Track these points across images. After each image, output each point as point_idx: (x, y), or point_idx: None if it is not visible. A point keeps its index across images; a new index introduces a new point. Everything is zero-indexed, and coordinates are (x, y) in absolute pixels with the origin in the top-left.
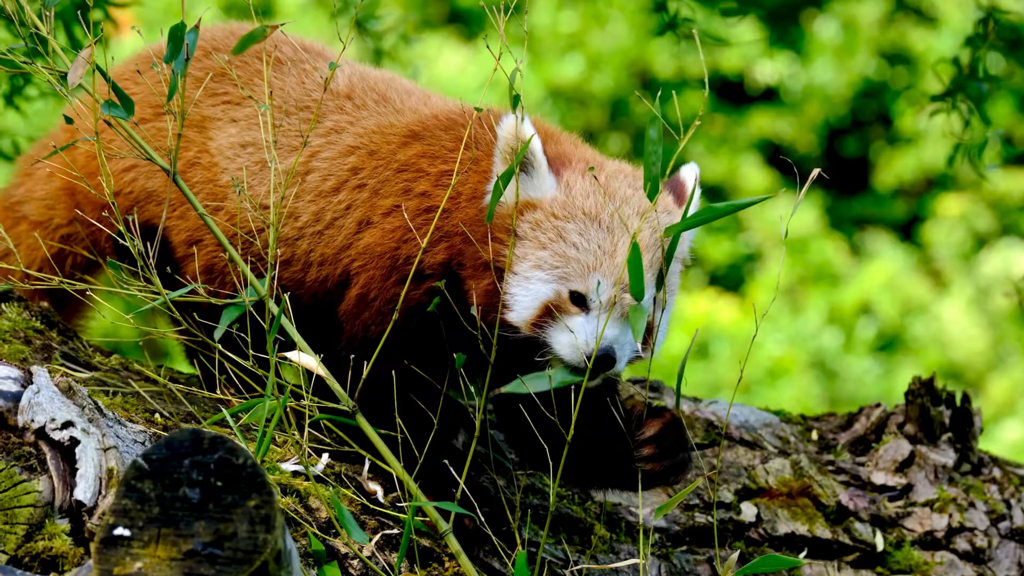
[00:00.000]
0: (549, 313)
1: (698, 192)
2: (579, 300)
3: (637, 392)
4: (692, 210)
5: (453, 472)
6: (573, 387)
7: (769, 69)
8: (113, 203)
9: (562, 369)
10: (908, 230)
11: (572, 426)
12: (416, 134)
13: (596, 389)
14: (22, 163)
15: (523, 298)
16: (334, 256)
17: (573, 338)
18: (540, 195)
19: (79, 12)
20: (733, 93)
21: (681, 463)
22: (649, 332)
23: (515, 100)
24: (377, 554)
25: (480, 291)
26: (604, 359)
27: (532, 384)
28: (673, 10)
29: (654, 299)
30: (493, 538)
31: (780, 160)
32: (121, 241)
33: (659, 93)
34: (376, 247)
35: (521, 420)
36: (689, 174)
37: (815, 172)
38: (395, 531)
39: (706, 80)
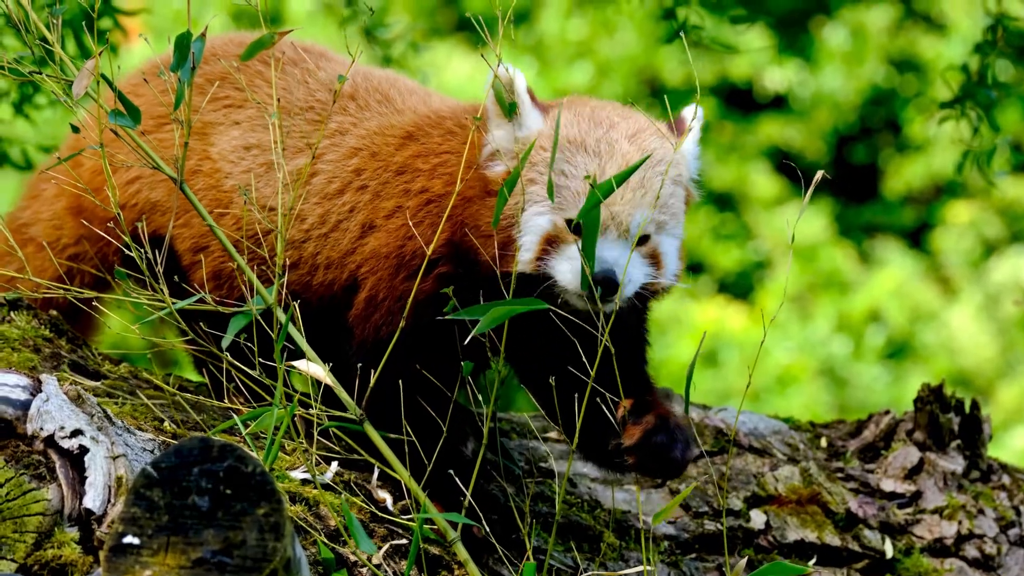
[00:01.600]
0: (550, 244)
1: (698, 125)
2: (576, 227)
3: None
4: (692, 140)
5: (466, 478)
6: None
7: (778, 76)
8: (119, 213)
9: (576, 303)
10: (917, 237)
11: (582, 417)
12: (411, 135)
13: (622, 358)
14: (28, 187)
15: (524, 236)
16: (340, 260)
17: (572, 263)
18: (528, 133)
19: (87, 20)
20: (742, 100)
21: (671, 463)
22: (656, 256)
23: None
24: (386, 563)
25: (486, 245)
26: (606, 282)
27: (491, 308)
28: (682, 17)
29: (657, 222)
30: (498, 548)
31: (789, 167)
32: (128, 252)
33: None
34: (382, 249)
35: (547, 393)
36: (690, 110)
37: (819, 175)
38: (404, 539)
39: (699, 87)
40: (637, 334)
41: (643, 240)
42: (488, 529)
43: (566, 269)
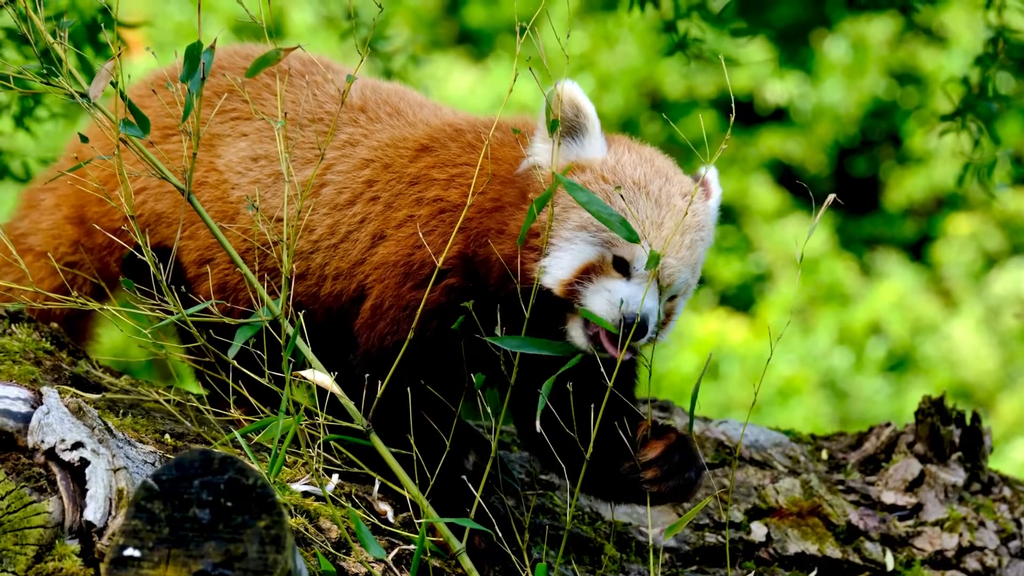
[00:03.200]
0: (587, 275)
1: (720, 191)
2: (621, 266)
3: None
4: (715, 202)
5: (467, 491)
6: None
7: (779, 89)
8: (133, 217)
9: (581, 342)
10: (918, 250)
11: (591, 444)
12: (426, 147)
13: (610, 392)
14: (24, 197)
15: (562, 258)
16: (349, 271)
17: (610, 295)
18: (590, 157)
19: (90, 33)
20: (743, 113)
21: (687, 483)
22: (668, 315)
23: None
24: None
25: (505, 258)
26: (638, 324)
27: (539, 347)
28: (683, 30)
29: (687, 284)
30: (512, 557)
31: (790, 180)
32: (140, 256)
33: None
34: (390, 257)
35: (535, 427)
36: (712, 174)
37: (830, 198)
38: (407, 552)
39: (732, 105)
40: (626, 371)
41: (671, 298)
42: (499, 535)
43: (601, 300)
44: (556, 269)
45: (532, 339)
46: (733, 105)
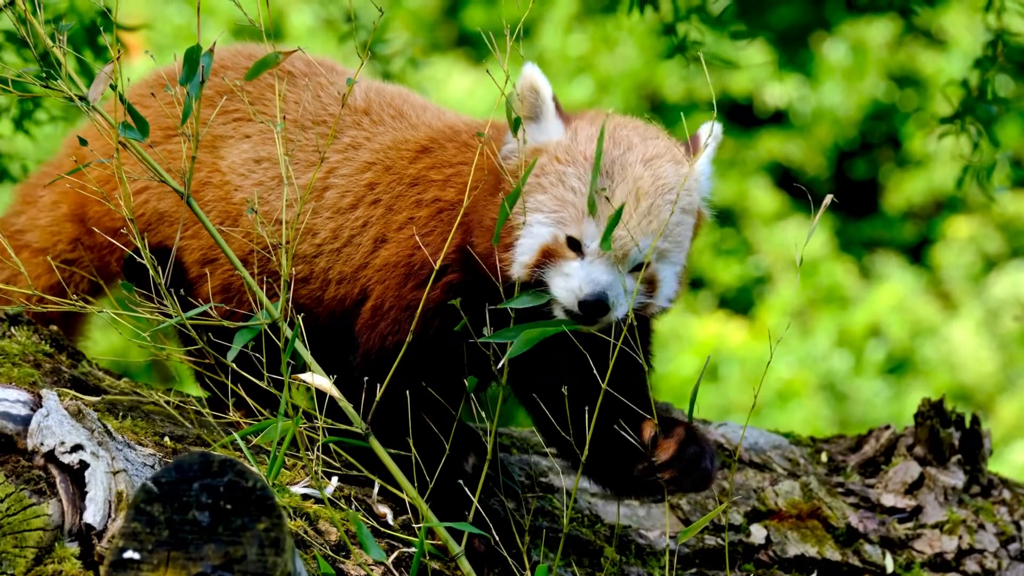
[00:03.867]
0: (547, 258)
1: (713, 145)
2: (575, 245)
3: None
4: (706, 160)
5: (467, 493)
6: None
7: (778, 92)
8: (132, 219)
9: (562, 316)
10: (917, 252)
11: (587, 445)
12: (426, 148)
13: (625, 382)
14: (20, 193)
15: (524, 243)
16: (352, 275)
17: (567, 280)
18: (546, 139)
19: (90, 36)
20: (742, 116)
21: (704, 475)
22: (652, 282)
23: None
24: None
25: (484, 252)
26: (597, 304)
27: (523, 330)
28: (682, 33)
29: (657, 250)
30: (511, 559)
31: (790, 183)
32: (139, 259)
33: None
34: (392, 259)
35: (546, 414)
36: (705, 128)
37: (828, 199)
38: (406, 554)
39: (714, 103)
40: (637, 361)
41: (640, 266)
42: (496, 539)
43: (561, 285)
44: (520, 255)
45: (526, 330)
46: (715, 104)
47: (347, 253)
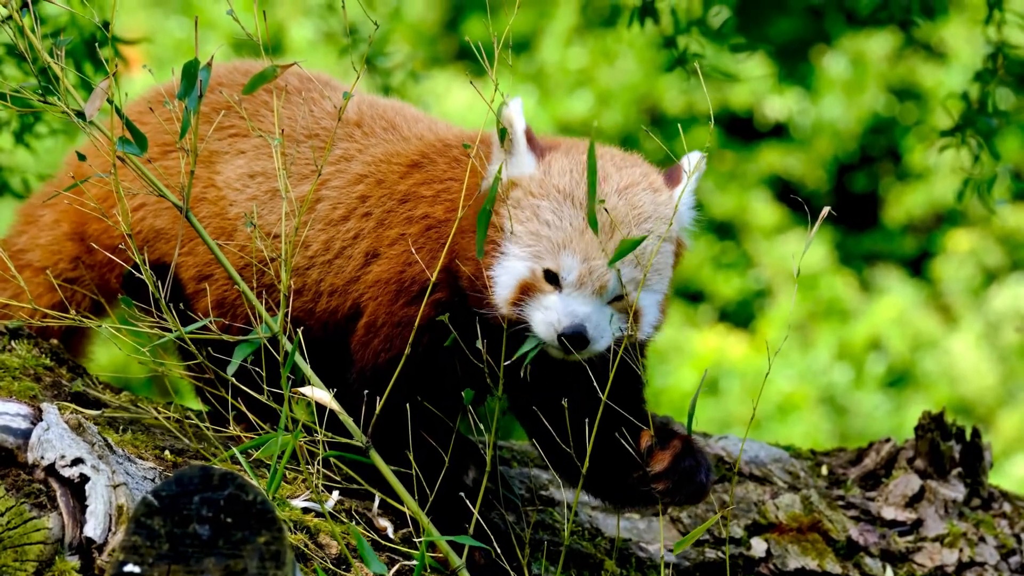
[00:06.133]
0: (526, 292)
1: (696, 176)
2: (552, 278)
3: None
4: (687, 194)
5: (467, 506)
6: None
7: (778, 105)
8: (130, 235)
9: (549, 346)
10: (918, 266)
11: (587, 458)
12: (417, 163)
13: (621, 394)
14: (22, 213)
15: (502, 277)
16: (343, 288)
17: (546, 313)
18: (520, 173)
19: (90, 49)
20: (742, 129)
21: (699, 488)
22: (633, 313)
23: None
24: None
25: (468, 277)
26: (576, 337)
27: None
28: (682, 46)
29: (636, 280)
30: (512, 573)
31: (790, 196)
32: (138, 275)
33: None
34: (383, 275)
35: (543, 427)
36: (689, 159)
37: (825, 211)
38: (407, 568)
39: (712, 116)
40: (633, 373)
41: (619, 297)
42: (489, 557)
43: (540, 319)
44: (500, 289)
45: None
46: (714, 118)
47: (338, 265)
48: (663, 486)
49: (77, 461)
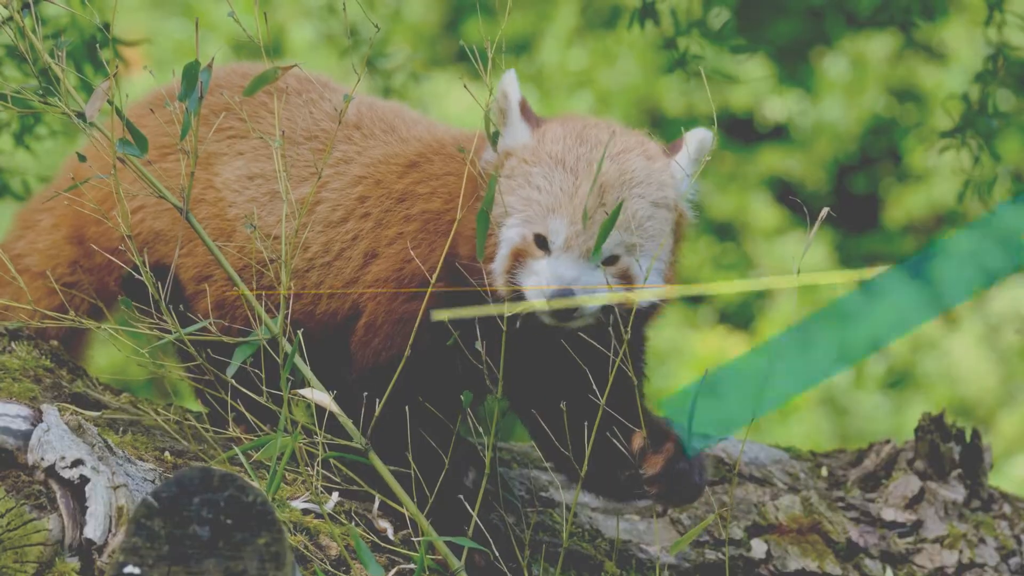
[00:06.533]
0: (518, 260)
1: (696, 147)
2: (542, 243)
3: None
4: (687, 163)
5: (467, 507)
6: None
7: (778, 106)
8: (130, 237)
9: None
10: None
11: (587, 456)
12: (414, 163)
13: (619, 392)
14: (20, 218)
15: (496, 247)
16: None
17: (537, 278)
18: (514, 143)
19: (90, 51)
20: (742, 130)
21: (692, 489)
22: (627, 278)
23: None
24: None
25: (465, 263)
26: (565, 299)
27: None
28: (683, 47)
29: (627, 244)
30: (511, 575)
31: (790, 197)
32: (138, 276)
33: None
34: (382, 275)
35: (539, 420)
36: (694, 132)
37: (824, 212)
38: (406, 569)
39: (714, 117)
40: (635, 364)
41: (612, 260)
42: (488, 559)
43: (531, 284)
44: (496, 262)
45: None
46: (715, 119)
47: (338, 267)
48: (656, 490)
49: (77, 462)
